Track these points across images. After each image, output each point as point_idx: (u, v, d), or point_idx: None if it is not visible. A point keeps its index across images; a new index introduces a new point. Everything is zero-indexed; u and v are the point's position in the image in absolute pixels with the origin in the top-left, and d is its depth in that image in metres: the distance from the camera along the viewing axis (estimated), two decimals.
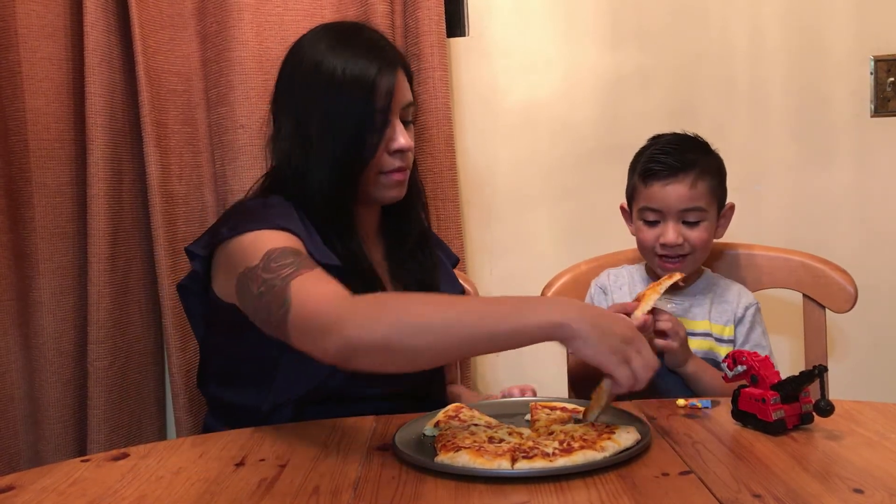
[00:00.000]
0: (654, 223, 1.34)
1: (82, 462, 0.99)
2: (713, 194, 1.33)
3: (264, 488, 0.88)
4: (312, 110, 1.19)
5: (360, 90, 1.17)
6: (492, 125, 1.81)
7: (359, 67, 1.17)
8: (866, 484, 0.81)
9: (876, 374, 1.81)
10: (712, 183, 1.33)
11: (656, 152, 1.34)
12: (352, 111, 1.17)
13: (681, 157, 1.31)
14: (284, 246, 1.06)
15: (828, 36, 1.77)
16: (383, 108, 1.18)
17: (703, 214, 1.32)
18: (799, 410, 0.99)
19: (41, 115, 1.59)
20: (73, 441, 1.64)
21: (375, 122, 1.18)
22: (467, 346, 0.98)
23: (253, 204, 1.21)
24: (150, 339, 1.71)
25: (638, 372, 0.90)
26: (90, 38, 1.55)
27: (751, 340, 1.34)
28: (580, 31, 1.79)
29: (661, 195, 1.31)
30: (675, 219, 1.31)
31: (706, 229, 1.33)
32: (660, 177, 1.31)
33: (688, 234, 1.32)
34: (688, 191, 1.30)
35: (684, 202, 1.30)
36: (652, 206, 1.33)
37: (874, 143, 1.78)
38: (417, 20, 1.65)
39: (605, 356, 0.90)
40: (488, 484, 0.86)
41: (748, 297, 1.38)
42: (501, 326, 0.93)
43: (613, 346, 0.90)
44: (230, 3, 1.62)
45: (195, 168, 1.71)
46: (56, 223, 1.61)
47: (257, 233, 1.10)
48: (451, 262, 1.43)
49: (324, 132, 1.18)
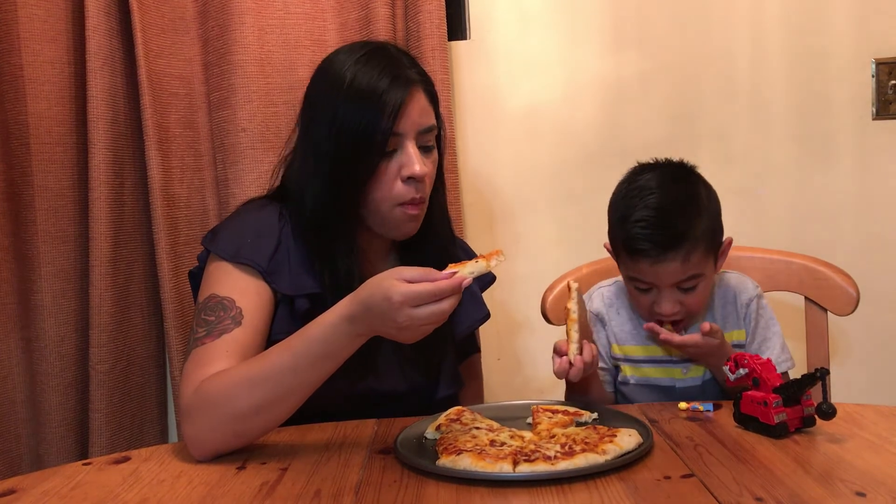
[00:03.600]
0: (647, 290, 1.23)
1: (84, 465, 1.00)
2: (708, 254, 1.22)
3: (266, 492, 0.88)
4: (318, 116, 1.18)
5: (366, 101, 1.13)
6: (493, 129, 1.81)
7: (368, 77, 1.14)
8: (868, 487, 0.81)
9: (878, 377, 1.80)
10: (706, 246, 1.21)
11: (641, 229, 1.19)
12: (355, 121, 1.13)
13: (668, 232, 1.18)
14: (223, 296, 1.12)
15: (829, 39, 1.77)
16: (387, 126, 1.12)
17: (699, 280, 1.21)
18: (801, 413, 0.99)
19: (43, 119, 1.59)
20: (75, 444, 1.64)
21: (376, 139, 1.13)
22: (298, 401, 1.02)
23: (243, 219, 1.23)
24: (152, 343, 1.71)
25: (414, 335, 0.96)
26: (92, 41, 1.56)
27: (758, 337, 1.29)
28: (582, 35, 1.79)
29: (650, 272, 1.20)
30: (669, 289, 1.21)
31: (704, 288, 1.23)
32: (648, 255, 1.19)
33: (685, 300, 1.22)
34: (680, 265, 1.18)
35: (678, 276, 1.19)
36: (641, 277, 1.22)
37: (876, 146, 1.78)
38: (419, 24, 1.65)
39: (396, 337, 0.96)
40: (490, 487, 0.86)
41: (748, 292, 1.31)
42: (318, 372, 0.99)
43: (394, 332, 0.95)
44: (232, 6, 1.62)
45: (197, 171, 1.71)
46: (58, 226, 1.62)
47: (219, 265, 1.16)
48: (485, 281, 1.39)
49: (325, 140, 1.15)
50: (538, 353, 1.81)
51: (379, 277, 0.94)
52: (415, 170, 1.14)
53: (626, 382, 1.31)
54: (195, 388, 1.02)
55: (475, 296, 1.35)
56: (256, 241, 1.17)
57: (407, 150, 1.15)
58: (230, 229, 1.21)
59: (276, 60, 1.65)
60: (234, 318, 1.10)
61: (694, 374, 1.28)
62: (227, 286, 1.13)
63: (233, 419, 0.99)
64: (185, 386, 1.05)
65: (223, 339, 1.07)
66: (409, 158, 1.14)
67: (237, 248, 1.16)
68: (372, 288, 0.94)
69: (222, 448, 1.01)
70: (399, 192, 1.16)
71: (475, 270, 0.95)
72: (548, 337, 1.71)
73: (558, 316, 1.49)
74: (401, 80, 1.14)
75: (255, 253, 1.15)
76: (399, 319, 0.92)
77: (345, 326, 0.96)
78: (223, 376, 1.02)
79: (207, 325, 1.10)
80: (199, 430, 1.00)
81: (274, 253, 1.16)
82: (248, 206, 1.28)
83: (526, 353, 1.83)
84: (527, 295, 1.74)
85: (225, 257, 1.16)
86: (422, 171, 1.14)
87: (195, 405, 1.01)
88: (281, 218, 1.21)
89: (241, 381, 1.00)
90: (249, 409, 0.99)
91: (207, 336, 1.08)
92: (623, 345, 1.31)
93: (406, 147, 1.15)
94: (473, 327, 1.36)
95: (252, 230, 1.19)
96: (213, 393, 1.00)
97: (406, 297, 0.91)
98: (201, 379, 1.03)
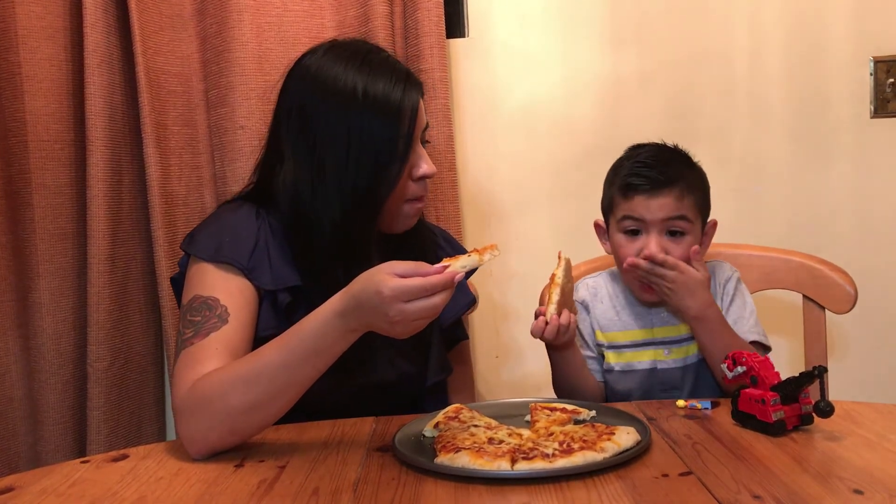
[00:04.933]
0: (635, 233, 1.25)
1: (82, 463, 1.00)
2: (699, 208, 1.26)
3: (264, 489, 0.88)
4: (326, 132, 1.15)
5: (385, 113, 1.13)
6: (491, 126, 1.81)
7: (381, 87, 1.14)
8: (866, 485, 0.81)
9: (876, 375, 1.81)
10: (698, 197, 1.26)
11: (637, 166, 1.24)
12: (378, 135, 1.13)
13: (665, 171, 1.23)
14: (206, 296, 1.12)
15: (827, 37, 1.77)
16: (408, 132, 1.14)
17: (689, 226, 1.24)
18: (799, 411, 0.99)
19: (41, 116, 1.59)
20: (73, 442, 1.64)
21: (399, 149, 1.14)
22: (293, 398, 1.01)
23: (220, 220, 1.23)
24: (150, 340, 1.71)
25: (406, 330, 0.95)
26: (90, 39, 1.55)
27: (731, 314, 1.28)
28: (580, 33, 1.79)
29: (643, 206, 1.23)
30: (658, 230, 1.23)
31: (690, 244, 1.24)
32: (642, 191, 1.22)
33: (671, 247, 1.23)
34: (674, 202, 1.22)
35: (670, 211, 1.22)
36: (634, 215, 1.24)
37: (874, 144, 1.78)
38: (417, 21, 1.65)
39: (389, 332, 0.96)
40: (488, 485, 0.86)
41: (724, 273, 1.32)
42: (312, 369, 0.99)
43: (386, 327, 0.95)
44: (230, 4, 1.62)
45: (195, 169, 1.71)
46: (56, 224, 1.61)
47: (199, 266, 1.16)
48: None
49: (342, 158, 1.14)
50: (536, 350, 1.81)
51: (370, 272, 0.94)
52: (426, 170, 1.18)
53: (611, 370, 1.33)
54: (189, 387, 1.03)
55: (460, 283, 1.36)
56: (235, 240, 1.17)
57: (418, 151, 1.18)
58: (208, 231, 1.22)
59: (275, 58, 1.64)
60: (220, 317, 1.10)
61: (675, 356, 1.30)
62: (209, 286, 1.14)
63: (228, 417, 0.99)
64: (178, 387, 1.05)
65: (211, 337, 1.08)
66: (422, 159, 1.18)
67: (216, 247, 1.16)
68: (363, 283, 0.94)
69: (218, 446, 1.01)
70: (412, 192, 1.20)
71: (467, 265, 0.95)
72: None
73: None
74: (410, 84, 1.16)
75: (234, 251, 1.16)
76: (390, 314, 0.92)
77: (337, 322, 0.96)
78: (216, 375, 1.02)
79: (194, 325, 1.10)
80: (194, 430, 1.00)
81: (253, 250, 1.17)
82: (223, 208, 1.29)
83: (524, 350, 1.83)
84: (524, 292, 1.74)
85: (205, 258, 1.16)
86: (431, 169, 1.19)
87: (190, 405, 1.01)
88: (258, 217, 1.21)
89: (235, 379, 1.00)
90: (244, 407, 0.99)
91: (195, 336, 1.08)
92: (606, 331, 1.34)
93: (416, 148, 1.18)
94: (459, 313, 1.36)
95: (230, 230, 1.20)
96: (208, 392, 1.01)
97: (397, 291, 0.90)
98: (194, 379, 1.03)
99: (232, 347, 1.08)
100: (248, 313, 1.14)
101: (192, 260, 1.20)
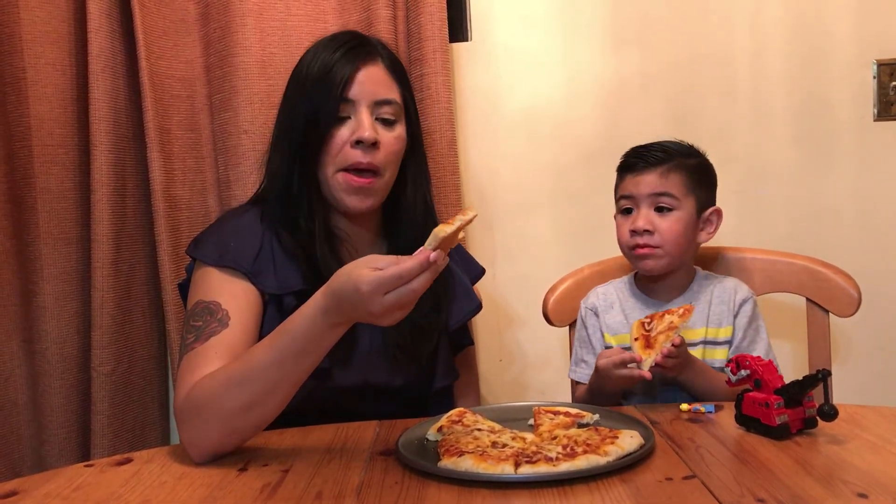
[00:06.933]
0: (629, 211, 1.34)
1: (86, 467, 1.00)
2: (687, 188, 1.32)
3: (267, 493, 0.88)
4: (282, 107, 1.26)
5: (319, 77, 1.20)
6: (494, 129, 1.81)
7: (323, 58, 1.21)
8: (870, 488, 0.81)
9: (880, 379, 1.80)
10: (688, 177, 1.32)
11: (638, 148, 1.36)
12: (309, 97, 1.20)
13: (658, 152, 1.33)
14: (209, 301, 1.14)
15: (830, 39, 1.77)
16: (337, 93, 1.18)
17: (674, 202, 1.30)
18: (802, 415, 0.99)
19: (45, 121, 1.60)
20: (77, 446, 1.64)
21: (327, 106, 1.18)
22: (287, 394, 1.01)
23: (225, 225, 1.26)
24: (154, 344, 1.71)
25: (392, 319, 0.94)
26: (94, 43, 1.56)
27: (748, 337, 1.30)
28: (582, 36, 1.79)
29: (633, 183, 1.33)
30: (646, 205, 1.31)
31: (678, 220, 1.30)
32: (632, 169, 1.33)
33: (658, 222, 1.30)
34: (657, 178, 1.31)
35: (654, 187, 1.30)
36: (626, 193, 1.34)
37: (877, 147, 1.78)
38: (420, 25, 1.65)
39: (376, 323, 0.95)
40: (492, 489, 0.86)
41: (743, 291, 1.34)
42: (302, 365, 0.99)
43: (371, 320, 0.94)
44: (233, 8, 1.63)
45: (198, 173, 1.71)
46: (60, 228, 1.62)
47: (204, 270, 1.18)
48: (474, 275, 1.44)
49: (283, 123, 1.24)
50: (539, 353, 1.81)
51: (349, 266, 0.94)
52: (364, 135, 1.18)
53: None
54: (186, 392, 1.03)
55: (466, 288, 1.38)
56: (239, 245, 1.19)
57: (359, 116, 1.20)
58: (213, 235, 1.23)
59: (278, 62, 1.65)
60: (220, 321, 1.11)
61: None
62: (212, 290, 1.15)
63: (224, 419, 1.00)
64: (178, 392, 1.06)
65: (211, 342, 1.09)
66: (360, 123, 1.19)
67: (221, 252, 1.18)
68: (341, 279, 0.93)
69: (219, 448, 1.01)
70: (345, 156, 1.20)
71: (433, 240, 0.91)
72: (549, 337, 1.72)
73: (560, 317, 1.50)
74: (355, 52, 1.20)
75: (238, 255, 1.17)
76: (372, 308, 0.91)
77: (320, 319, 0.96)
78: (211, 378, 1.02)
79: (196, 330, 1.11)
80: (193, 434, 1.01)
81: (258, 254, 1.18)
82: (229, 214, 1.31)
83: (527, 353, 1.83)
84: (527, 295, 1.74)
85: (209, 262, 1.18)
86: (371, 135, 1.19)
87: (187, 409, 1.02)
88: (263, 221, 1.23)
89: (229, 380, 1.01)
90: (239, 407, 0.99)
91: (196, 341, 1.09)
92: (615, 334, 1.37)
93: (359, 112, 1.20)
94: (465, 319, 1.37)
95: (234, 234, 1.21)
96: (203, 395, 1.01)
97: (374, 286, 0.90)
98: (189, 387, 1.04)
99: (232, 351, 1.08)
100: (251, 317, 1.15)
101: (197, 264, 1.21)
